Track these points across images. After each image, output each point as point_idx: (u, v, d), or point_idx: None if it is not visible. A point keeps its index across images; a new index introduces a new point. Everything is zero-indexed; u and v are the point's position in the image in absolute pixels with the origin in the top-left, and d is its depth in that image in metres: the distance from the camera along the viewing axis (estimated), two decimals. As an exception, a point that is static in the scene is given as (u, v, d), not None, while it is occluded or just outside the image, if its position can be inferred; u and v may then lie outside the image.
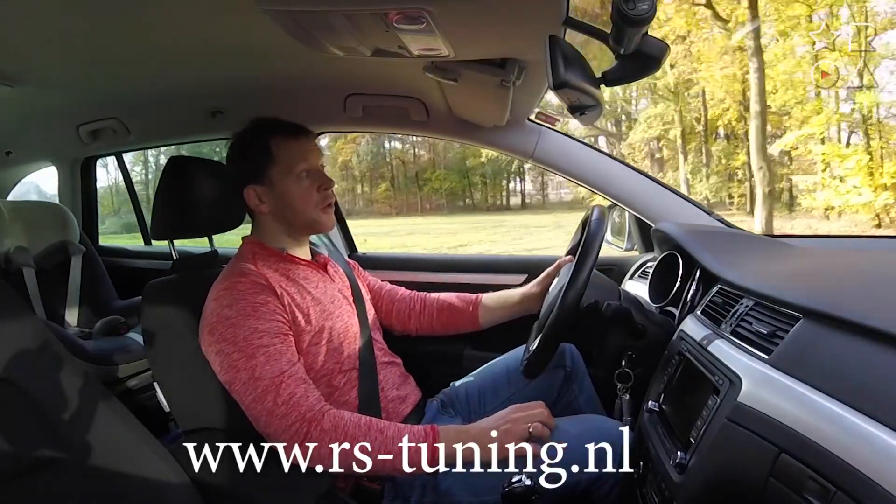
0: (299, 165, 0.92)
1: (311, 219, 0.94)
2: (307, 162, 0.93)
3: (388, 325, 1.15)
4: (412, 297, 1.16)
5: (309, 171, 0.93)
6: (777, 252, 0.90)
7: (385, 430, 0.79)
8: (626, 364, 0.90)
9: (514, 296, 1.11)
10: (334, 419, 0.78)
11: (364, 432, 0.78)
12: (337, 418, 0.78)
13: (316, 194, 0.93)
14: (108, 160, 2.31)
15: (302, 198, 0.92)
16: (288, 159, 0.92)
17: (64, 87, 1.25)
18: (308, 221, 0.94)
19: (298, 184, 0.92)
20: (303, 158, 0.92)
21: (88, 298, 1.83)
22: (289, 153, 0.92)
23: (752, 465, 0.50)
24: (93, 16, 0.82)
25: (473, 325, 1.12)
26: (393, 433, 0.78)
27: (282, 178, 0.92)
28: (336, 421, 0.78)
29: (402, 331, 1.15)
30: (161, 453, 0.71)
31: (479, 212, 16.12)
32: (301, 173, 0.92)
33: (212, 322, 0.83)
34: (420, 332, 1.15)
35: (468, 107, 1.18)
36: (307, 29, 0.71)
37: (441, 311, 1.13)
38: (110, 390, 0.73)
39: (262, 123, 0.95)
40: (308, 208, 0.93)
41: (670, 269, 0.98)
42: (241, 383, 0.79)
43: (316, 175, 0.94)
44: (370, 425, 0.79)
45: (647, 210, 1.20)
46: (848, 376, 0.47)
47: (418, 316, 1.13)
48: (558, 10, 0.62)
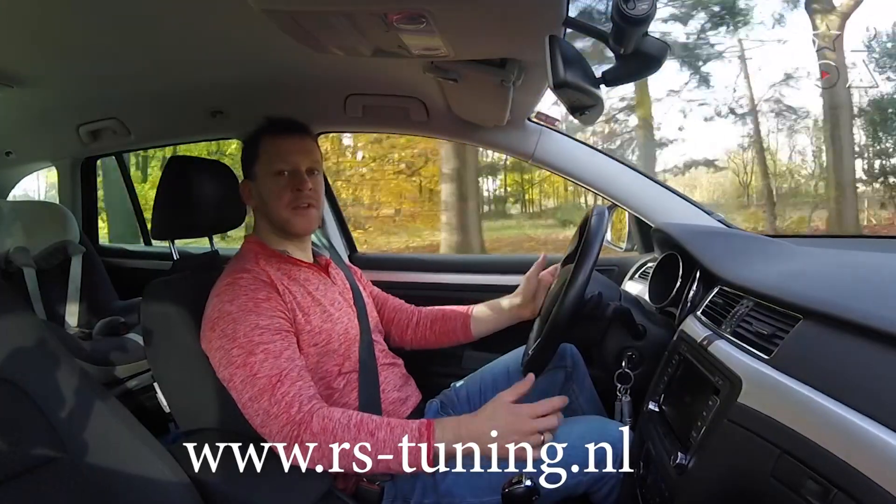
0: (277, 164, 0.93)
1: (282, 217, 0.94)
2: (285, 161, 0.93)
3: (386, 334, 1.14)
4: (411, 309, 1.17)
5: (289, 170, 0.93)
6: (777, 252, 0.90)
7: (376, 433, 0.76)
8: (627, 364, 0.90)
9: (503, 305, 1.11)
10: (323, 421, 0.76)
11: (354, 435, 0.75)
12: (326, 420, 0.76)
13: (289, 194, 0.93)
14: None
15: (276, 195, 0.93)
16: (269, 157, 0.93)
17: (64, 87, 1.25)
18: (280, 220, 0.95)
19: (275, 181, 0.93)
20: (283, 157, 0.93)
21: (88, 298, 1.83)
22: (271, 151, 0.94)
23: (753, 466, 0.50)
24: (92, 16, 0.82)
25: (466, 337, 1.13)
26: (385, 435, 0.76)
27: (264, 174, 0.94)
28: (325, 423, 0.76)
29: (399, 342, 1.15)
30: (161, 453, 0.71)
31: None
32: (281, 171, 0.93)
33: (213, 318, 0.83)
34: (414, 344, 1.15)
35: (468, 107, 1.18)
36: (307, 29, 0.71)
37: (434, 322, 1.14)
38: (110, 390, 0.73)
39: (266, 120, 0.97)
40: (279, 206, 0.93)
41: (670, 269, 0.98)
42: (238, 381, 0.79)
43: (292, 174, 0.94)
44: (361, 426, 0.76)
45: (647, 210, 1.19)
46: (848, 376, 0.47)
47: (414, 328, 1.14)
48: (558, 10, 0.62)
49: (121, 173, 2.31)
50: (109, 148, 1.88)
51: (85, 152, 1.93)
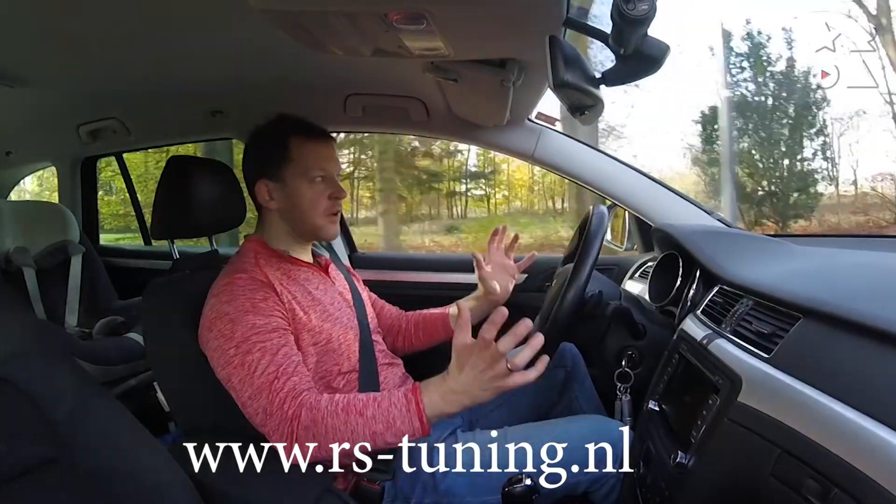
0: (315, 170, 0.92)
1: (316, 224, 0.94)
2: (324, 168, 0.92)
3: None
4: (399, 315, 1.17)
5: (324, 176, 0.93)
6: (777, 252, 0.90)
7: (364, 411, 0.73)
8: (627, 364, 0.90)
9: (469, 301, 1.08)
10: (311, 413, 0.73)
11: (343, 419, 0.72)
12: (314, 411, 0.73)
13: (326, 201, 0.93)
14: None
15: (311, 202, 0.92)
16: (305, 161, 0.91)
17: (64, 87, 1.25)
18: (312, 227, 0.94)
19: (311, 187, 0.92)
20: (320, 163, 0.92)
21: (88, 298, 1.83)
22: (307, 155, 0.92)
23: (753, 465, 0.50)
24: (93, 16, 0.82)
25: (448, 334, 1.10)
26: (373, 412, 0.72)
27: (295, 178, 0.91)
28: (314, 415, 0.73)
29: (390, 347, 1.11)
30: (161, 453, 0.71)
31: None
32: (316, 177, 0.92)
33: (210, 318, 0.83)
34: (406, 350, 1.15)
35: (468, 107, 1.18)
36: (307, 29, 0.71)
37: (417, 326, 1.14)
38: (110, 390, 0.72)
39: (285, 119, 0.95)
40: (315, 213, 0.93)
41: (670, 269, 0.98)
42: (237, 380, 0.79)
43: (329, 182, 0.93)
44: (348, 409, 0.73)
45: (647, 210, 1.20)
46: (848, 376, 0.47)
47: (404, 335, 1.14)
48: (558, 10, 0.62)
49: (121, 173, 2.31)
50: (109, 148, 1.89)
51: (85, 152, 1.93)
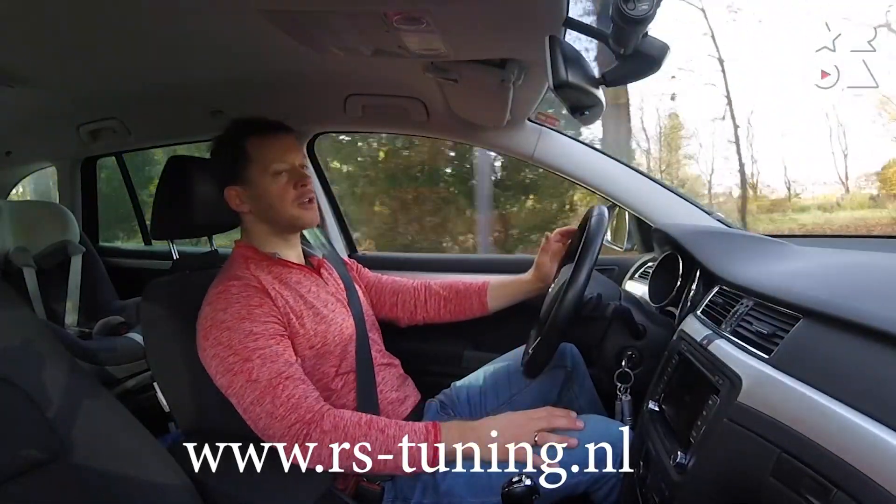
0: (274, 164, 0.92)
1: (291, 215, 0.94)
2: (283, 160, 0.93)
3: (393, 318, 1.14)
4: (417, 286, 1.15)
5: (286, 169, 0.93)
6: (777, 252, 0.90)
7: (386, 430, 0.79)
8: (627, 364, 0.90)
9: (521, 279, 1.12)
10: (334, 419, 0.78)
11: (364, 432, 0.78)
12: (337, 418, 0.78)
13: (293, 191, 0.93)
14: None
15: (279, 196, 0.93)
16: (264, 158, 0.92)
17: (64, 87, 1.25)
18: (288, 218, 0.94)
19: (275, 181, 0.92)
20: (278, 157, 0.93)
21: (88, 298, 1.83)
22: (264, 152, 0.93)
23: (753, 465, 0.50)
24: (92, 16, 0.82)
25: (482, 310, 1.12)
26: (394, 432, 0.78)
27: (259, 176, 0.92)
28: (336, 421, 0.78)
29: (409, 322, 1.15)
30: (161, 453, 0.71)
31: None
32: (278, 171, 0.92)
33: (206, 327, 0.83)
34: (427, 320, 1.15)
35: (468, 107, 1.18)
36: (307, 29, 0.71)
37: (448, 299, 1.13)
38: (110, 390, 0.73)
39: (239, 123, 0.95)
40: (285, 206, 0.93)
41: (670, 269, 0.98)
42: (238, 386, 0.79)
43: (292, 172, 0.94)
44: (371, 424, 0.79)
45: (647, 210, 1.20)
46: (848, 376, 0.47)
47: (424, 305, 1.13)
48: (558, 10, 0.62)
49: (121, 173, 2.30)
50: (109, 148, 1.88)
51: (85, 152, 1.93)
